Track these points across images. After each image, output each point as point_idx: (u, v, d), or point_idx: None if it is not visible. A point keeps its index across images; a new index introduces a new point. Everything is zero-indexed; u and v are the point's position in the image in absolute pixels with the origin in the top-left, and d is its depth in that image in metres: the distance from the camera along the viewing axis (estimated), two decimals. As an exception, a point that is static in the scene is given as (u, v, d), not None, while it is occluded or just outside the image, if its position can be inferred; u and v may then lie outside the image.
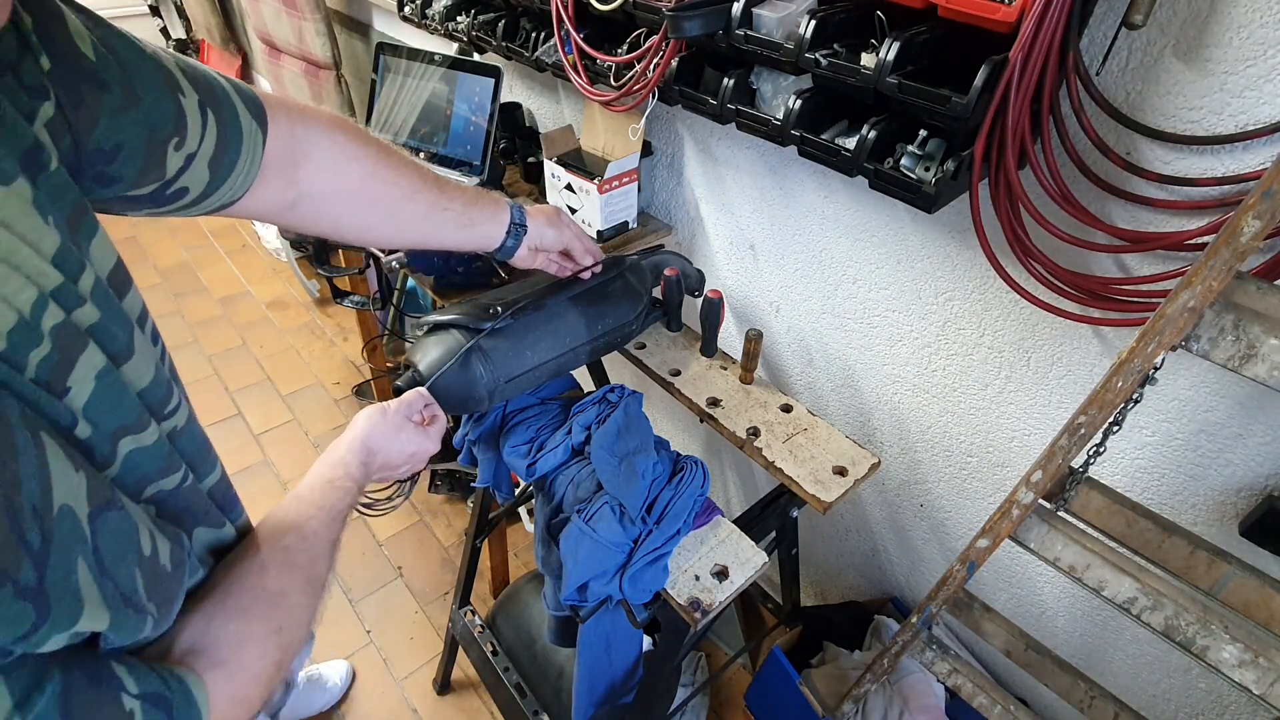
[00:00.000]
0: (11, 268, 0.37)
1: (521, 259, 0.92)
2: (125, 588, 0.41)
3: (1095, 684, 0.87)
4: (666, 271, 1.11)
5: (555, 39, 1.24)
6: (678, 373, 1.11)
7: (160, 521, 0.47)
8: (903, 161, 0.86)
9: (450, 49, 1.67)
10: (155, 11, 4.11)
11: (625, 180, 1.30)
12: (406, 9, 1.61)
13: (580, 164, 1.31)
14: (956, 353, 1.10)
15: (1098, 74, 0.78)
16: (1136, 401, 0.69)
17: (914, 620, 0.97)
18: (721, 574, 0.86)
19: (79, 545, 0.37)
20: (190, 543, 0.52)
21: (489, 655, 1.46)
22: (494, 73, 1.45)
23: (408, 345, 0.93)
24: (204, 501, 0.55)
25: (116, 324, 0.45)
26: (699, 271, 1.21)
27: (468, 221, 0.83)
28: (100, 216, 0.48)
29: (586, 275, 0.99)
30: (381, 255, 1.11)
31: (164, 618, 0.46)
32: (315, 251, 1.38)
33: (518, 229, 0.88)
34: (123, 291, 0.47)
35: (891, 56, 0.79)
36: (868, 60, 0.81)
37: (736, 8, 0.92)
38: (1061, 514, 0.81)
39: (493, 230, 0.86)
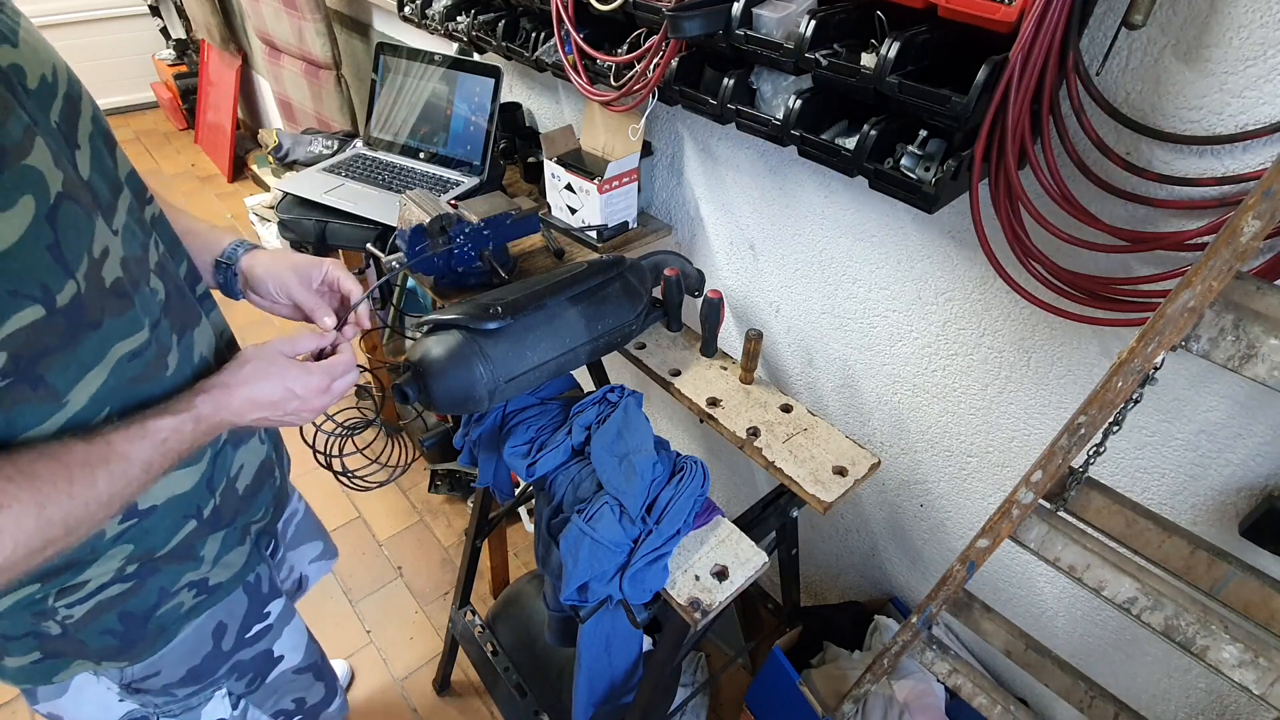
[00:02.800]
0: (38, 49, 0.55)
1: (256, 301, 0.84)
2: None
3: (1095, 684, 0.87)
4: (666, 271, 1.11)
5: (555, 39, 1.24)
6: (678, 373, 1.11)
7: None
8: (903, 161, 0.86)
9: (450, 49, 1.67)
10: (155, 11, 4.12)
11: (625, 180, 1.30)
12: (406, 9, 1.61)
13: (580, 164, 1.31)
14: (957, 353, 1.10)
15: (1098, 74, 0.78)
16: (1136, 401, 0.69)
17: (914, 620, 0.97)
18: (721, 574, 0.86)
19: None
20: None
21: (489, 655, 1.46)
22: (494, 73, 1.45)
23: (408, 345, 0.93)
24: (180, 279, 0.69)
25: (102, 118, 0.62)
26: (699, 271, 1.21)
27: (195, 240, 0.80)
28: None
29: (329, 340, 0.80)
30: (381, 255, 1.11)
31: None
32: (315, 252, 1.38)
33: (224, 266, 0.81)
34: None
35: (892, 56, 0.78)
36: (868, 60, 0.81)
37: (736, 8, 0.92)
38: (1061, 514, 0.81)
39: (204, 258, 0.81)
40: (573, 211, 1.34)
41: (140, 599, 0.72)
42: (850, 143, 0.88)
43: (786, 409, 1.04)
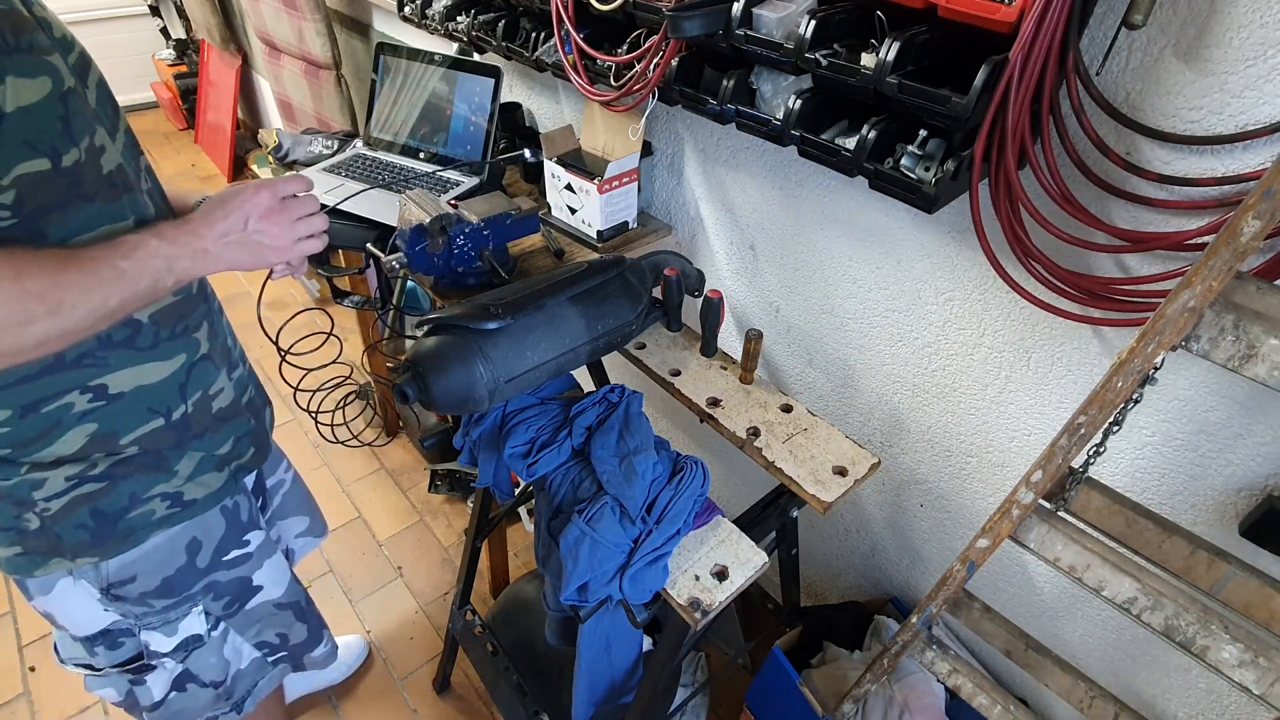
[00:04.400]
0: None
1: None
2: None
3: (1095, 684, 0.88)
4: (666, 271, 1.11)
5: (555, 39, 1.24)
6: (678, 373, 1.11)
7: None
8: (903, 161, 0.86)
9: (450, 49, 1.67)
10: (155, 11, 4.12)
11: (625, 180, 1.30)
12: (406, 9, 1.61)
13: (580, 164, 1.31)
14: (956, 353, 1.10)
15: (1098, 74, 0.78)
16: (1136, 401, 0.69)
17: (914, 620, 0.97)
18: (721, 574, 0.86)
19: None
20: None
21: (489, 655, 1.46)
22: (494, 73, 1.45)
23: (408, 345, 0.93)
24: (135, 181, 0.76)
25: (106, 84, 0.74)
26: (699, 271, 1.21)
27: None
28: None
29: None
30: (381, 255, 1.11)
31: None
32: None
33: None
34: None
35: (891, 56, 0.78)
36: (868, 60, 0.81)
37: (736, 8, 0.92)
38: (1061, 514, 0.81)
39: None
40: (573, 211, 1.34)
41: (112, 499, 0.81)
42: (850, 143, 0.88)
43: (786, 409, 1.04)
